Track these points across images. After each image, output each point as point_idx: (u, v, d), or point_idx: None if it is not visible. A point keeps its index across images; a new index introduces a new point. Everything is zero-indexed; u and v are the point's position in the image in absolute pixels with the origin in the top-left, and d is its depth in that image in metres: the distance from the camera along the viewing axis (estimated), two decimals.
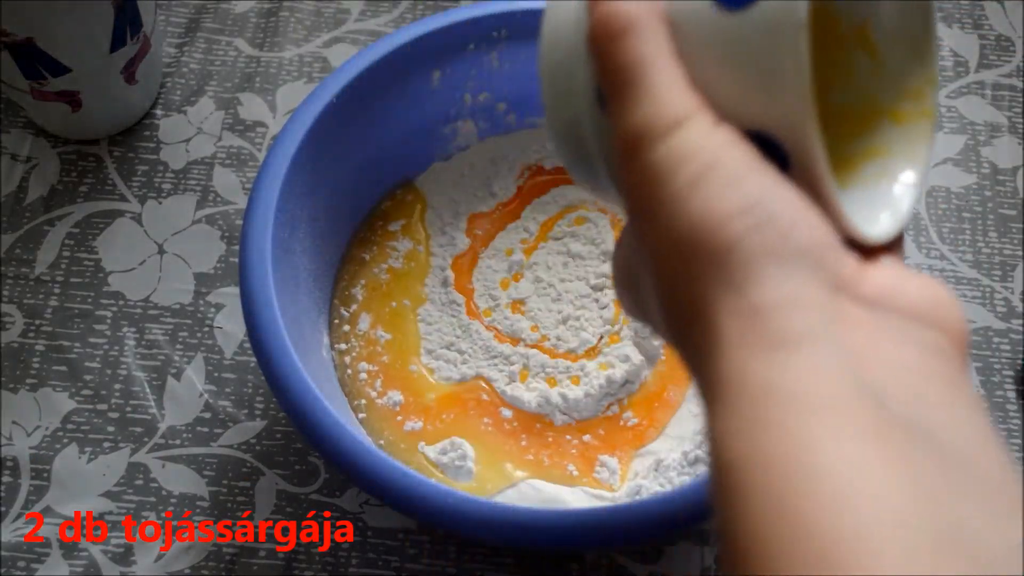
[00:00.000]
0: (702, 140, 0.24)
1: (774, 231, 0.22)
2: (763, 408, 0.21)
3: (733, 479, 0.21)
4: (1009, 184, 0.59)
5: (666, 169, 0.23)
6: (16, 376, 0.52)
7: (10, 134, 0.59)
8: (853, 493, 0.19)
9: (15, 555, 0.48)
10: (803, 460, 0.20)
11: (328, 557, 0.48)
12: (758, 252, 0.22)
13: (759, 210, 0.22)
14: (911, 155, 0.28)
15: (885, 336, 0.22)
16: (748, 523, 0.20)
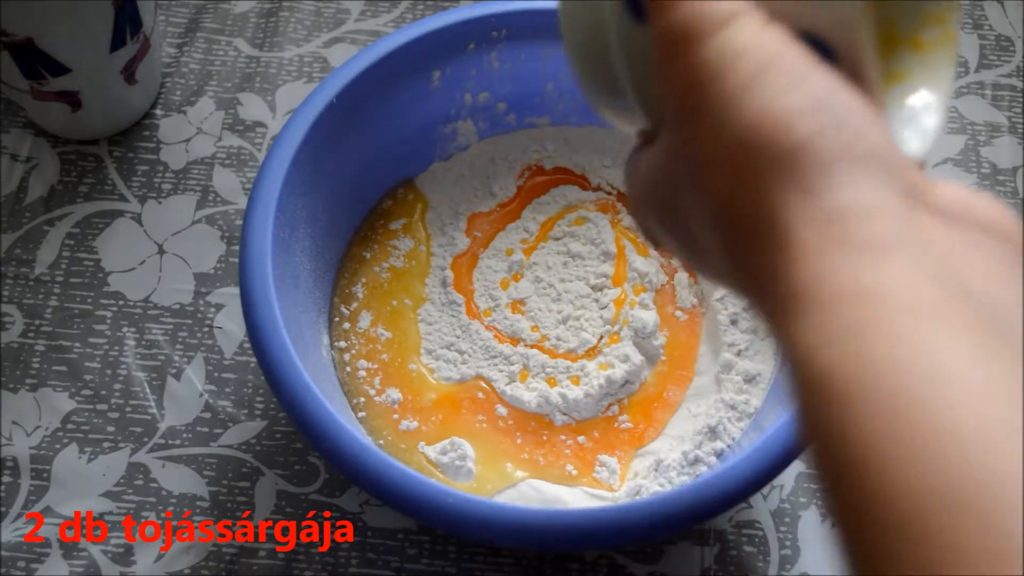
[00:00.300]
0: (756, 36, 0.22)
1: (846, 132, 0.21)
2: (859, 312, 0.20)
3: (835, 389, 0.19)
4: (1009, 184, 0.59)
5: (720, 66, 0.22)
6: (16, 376, 0.52)
7: (10, 134, 0.59)
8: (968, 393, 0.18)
9: (15, 555, 0.48)
10: (912, 362, 0.19)
11: (328, 557, 0.48)
12: (830, 153, 0.21)
13: (827, 113, 0.21)
14: (933, 80, 0.28)
15: (964, 244, 0.22)
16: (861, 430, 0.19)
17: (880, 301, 0.20)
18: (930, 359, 0.19)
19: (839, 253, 0.21)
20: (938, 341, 0.19)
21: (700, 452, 0.48)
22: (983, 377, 0.19)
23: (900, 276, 0.20)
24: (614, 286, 0.52)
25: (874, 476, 0.18)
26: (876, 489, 0.18)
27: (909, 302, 0.20)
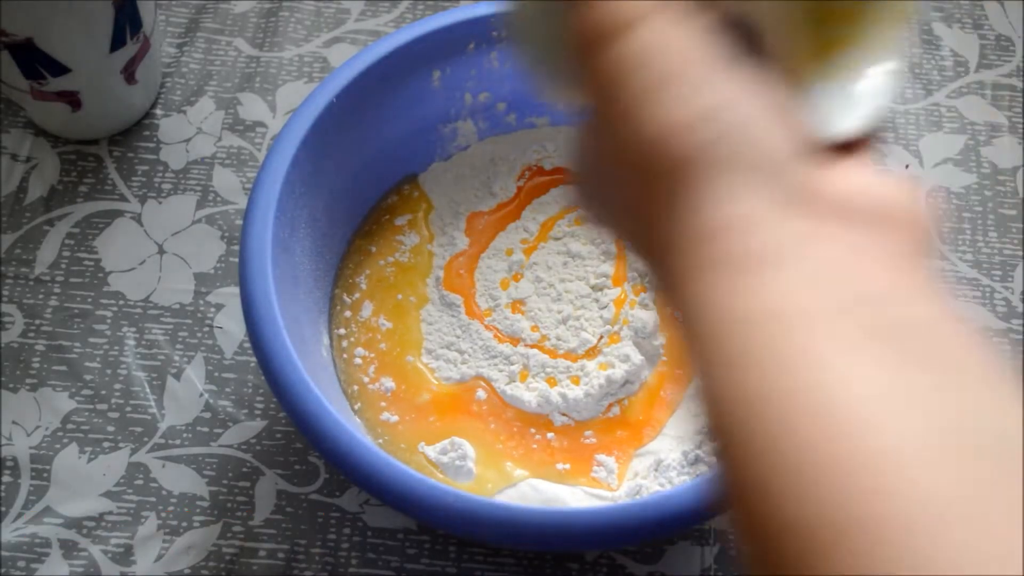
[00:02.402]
0: (663, 38, 0.22)
1: (734, 142, 0.21)
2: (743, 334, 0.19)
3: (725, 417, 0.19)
4: (1009, 184, 0.59)
5: (622, 73, 0.22)
6: (16, 376, 0.52)
7: (10, 134, 0.59)
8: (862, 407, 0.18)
9: (15, 555, 0.48)
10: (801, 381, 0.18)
11: (328, 557, 0.48)
12: (716, 166, 0.21)
13: (723, 119, 0.21)
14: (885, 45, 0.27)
15: (854, 244, 0.21)
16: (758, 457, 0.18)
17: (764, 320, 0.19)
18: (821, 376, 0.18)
19: (720, 273, 0.20)
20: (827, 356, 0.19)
21: (700, 452, 0.48)
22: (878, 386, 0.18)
23: (781, 293, 0.20)
24: (614, 286, 0.52)
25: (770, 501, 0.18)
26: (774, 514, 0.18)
27: (791, 319, 0.19)
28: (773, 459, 0.18)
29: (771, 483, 0.18)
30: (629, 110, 0.21)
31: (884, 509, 0.17)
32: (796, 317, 0.19)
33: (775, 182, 0.21)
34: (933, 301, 0.21)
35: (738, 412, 0.19)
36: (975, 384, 0.20)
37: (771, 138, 0.21)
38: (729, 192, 0.20)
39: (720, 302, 0.20)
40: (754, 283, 0.20)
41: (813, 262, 0.20)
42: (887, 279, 0.21)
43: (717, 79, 0.21)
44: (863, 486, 0.17)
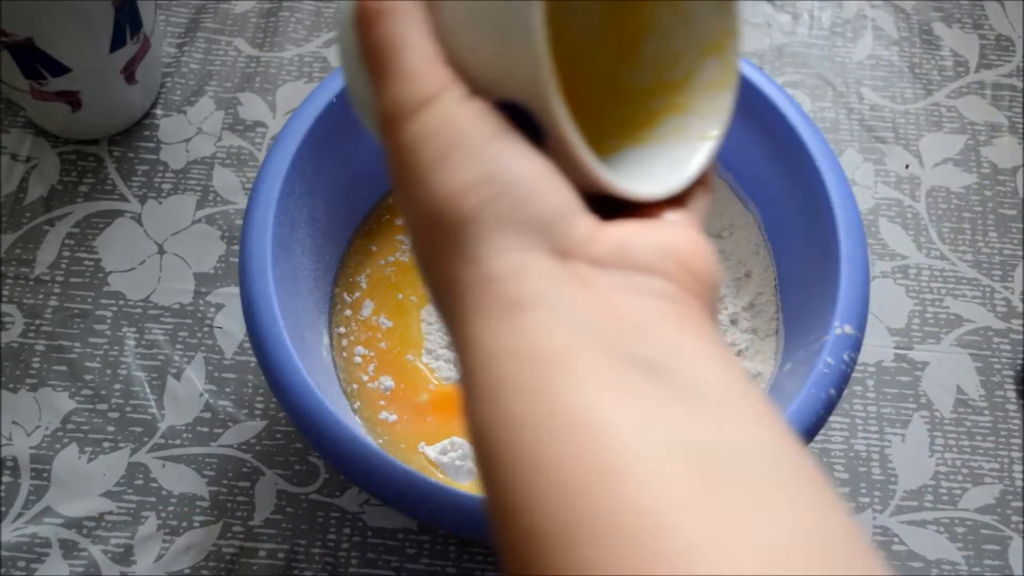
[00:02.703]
0: (449, 115, 0.24)
1: (507, 202, 0.23)
2: (500, 367, 0.22)
3: (485, 446, 0.21)
4: (1009, 184, 0.59)
5: (416, 146, 0.24)
6: (16, 376, 0.52)
7: (10, 134, 0.59)
8: (595, 429, 0.20)
9: (15, 555, 0.48)
10: (543, 410, 0.21)
11: (328, 557, 0.48)
12: (492, 223, 0.23)
13: (496, 182, 0.23)
14: (710, 110, 0.28)
15: (612, 290, 0.23)
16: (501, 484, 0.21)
17: (518, 357, 0.22)
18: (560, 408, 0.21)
19: (488, 314, 0.23)
20: (569, 387, 0.21)
21: None
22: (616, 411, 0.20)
23: (535, 332, 0.22)
24: None
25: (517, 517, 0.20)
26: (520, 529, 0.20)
27: (543, 355, 0.21)
28: (525, 471, 0.20)
29: (523, 494, 0.20)
30: (420, 178, 0.24)
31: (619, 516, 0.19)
32: (549, 351, 0.22)
33: (543, 236, 0.23)
34: (687, 336, 0.23)
35: (496, 434, 0.21)
36: (720, 407, 0.22)
37: (541, 197, 0.24)
38: (502, 246, 0.23)
39: (488, 340, 0.22)
40: (516, 323, 0.22)
41: (569, 304, 0.22)
42: (637, 319, 0.23)
43: (493, 147, 0.24)
44: (601, 498, 0.19)
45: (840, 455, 0.52)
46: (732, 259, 0.53)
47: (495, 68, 0.25)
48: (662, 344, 0.22)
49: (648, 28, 0.30)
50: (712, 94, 0.29)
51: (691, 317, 0.24)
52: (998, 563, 0.49)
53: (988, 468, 0.51)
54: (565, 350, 0.22)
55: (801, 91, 0.62)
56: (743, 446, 0.21)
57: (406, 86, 0.25)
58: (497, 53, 0.24)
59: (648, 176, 0.27)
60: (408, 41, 0.25)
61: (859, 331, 0.43)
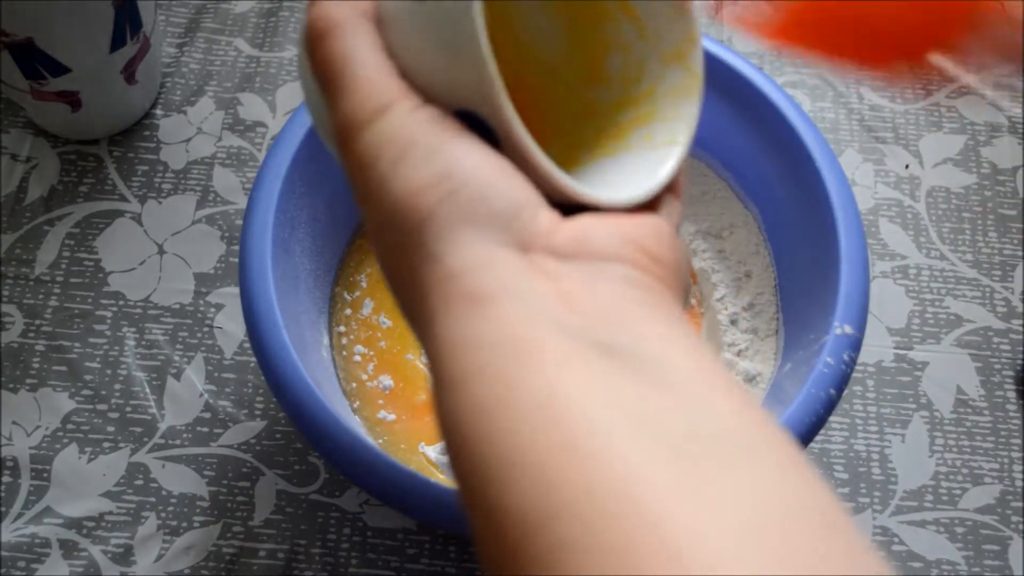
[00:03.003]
0: (403, 121, 0.25)
1: (465, 197, 0.24)
2: (467, 359, 0.22)
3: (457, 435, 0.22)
4: (1009, 184, 0.59)
5: (373, 154, 0.25)
6: (16, 376, 0.52)
7: (10, 134, 0.59)
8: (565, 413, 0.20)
9: (15, 555, 0.48)
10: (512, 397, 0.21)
11: (328, 557, 0.48)
12: (451, 219, 0.24)
13: (452, 179, 0.24)
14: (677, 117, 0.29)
15: (575, 279, 0.24)
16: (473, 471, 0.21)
17: (485, 347, 0.22)
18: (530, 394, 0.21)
19: (453, 309, 0.23)
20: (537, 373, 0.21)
21: None
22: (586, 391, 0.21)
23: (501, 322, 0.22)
24: None
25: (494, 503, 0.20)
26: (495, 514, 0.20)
27: (509, 343, 0.22)
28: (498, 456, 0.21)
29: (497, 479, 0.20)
30: (379, 184, 0.25)
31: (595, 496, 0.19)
32: (515, 340, 0.22)
33: (503, 230, 0.24)
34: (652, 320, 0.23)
35: (467, 422, 0.21)
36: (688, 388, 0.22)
37: (499, 192, 0.24)
38: (462, 241, 0.24)
39: (454, 333, 0.23)
40: (482, 316, 0.22)
41: (533, 295, 0.23)
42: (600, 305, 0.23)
43: (448, 147, 0.24)
44: (573, 476, 0.19)
45: (840, 455, 0.52)
46: (732, 259, 0.53)
47: (445, 78, 0.25)
48: (628, 329, 0.23)
49: (611, 45, 0.31)
50: (677, 101, 0.29)
51: (656, 302, 0.24)
52: (998, 563, 0.49)
53: (988, 468, 0.51)
54: (532, 338, 0.22)
55: (801, 91, 0.62)
56: (713, 425, 0.21)
57: (359, 98, 0.25)
58: (444, 62, 0.25)
59: (618, 185, 0.27)
60: (358, 56, 0.26)
61: (859, 331, 0.43)
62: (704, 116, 0.57)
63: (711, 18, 0.65)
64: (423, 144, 0.24)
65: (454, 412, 0.22)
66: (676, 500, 0.19)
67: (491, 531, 0.20)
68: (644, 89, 0.30)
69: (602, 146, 0.30)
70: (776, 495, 0.20)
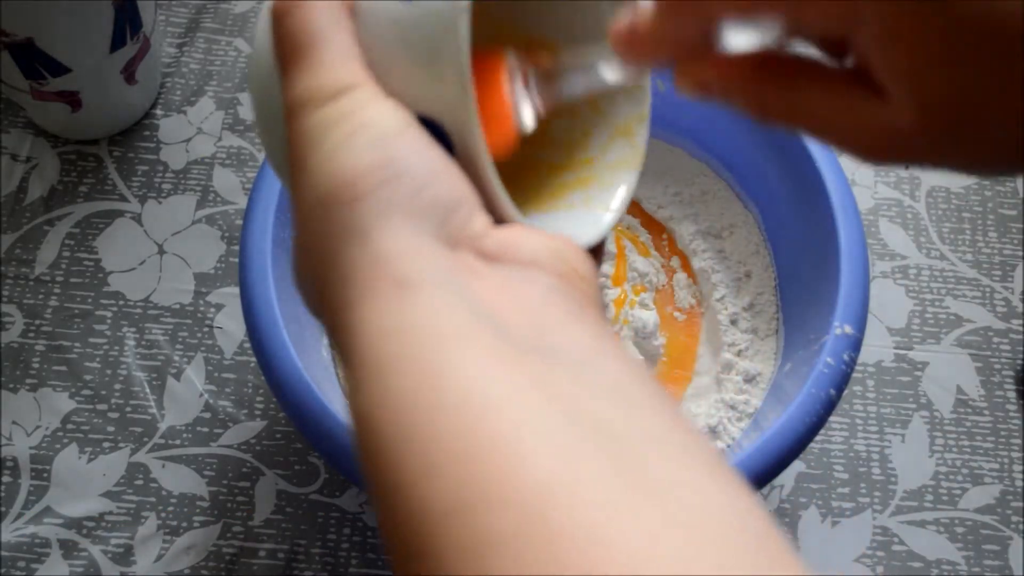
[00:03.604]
0: (360, 106, 0.25)
1: (403, 187, 0.24)
2: (389, 345, 0.22)
3: (372, 424, 0.21)
4: (1009, 184, 0.59)
5: (323, 129, 0.24)
6: (16, 376, 0.52)
7: (10, 134, 0.59)
8: (487, 407, 0.20)
9: (15, 555, 0.48)
10: (432, 386, 0.20)
11: (328, 557, 0.48)
12: (387, 204, 0.23)
13: (393, 167, 0.24)
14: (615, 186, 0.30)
15: (502, 281, 0.24)
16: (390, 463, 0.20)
17: (406, 333, 0.22)
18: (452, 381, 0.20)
19: (377, 294, 0.23)
20: (459, 364, 0.21)
21: None
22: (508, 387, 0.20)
23: (425, 310, 0.22)
24: (614, 286, 0.52)
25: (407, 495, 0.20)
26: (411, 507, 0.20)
27: (432, 332, 0.21)
28: (410, 447, 0.20)
29: (414, 471, 0.20)
30: (320, 159, 0.24)
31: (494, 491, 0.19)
32: (440, 330, 0.21)
33: (436, 224, 0.24)
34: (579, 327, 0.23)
35: (384, 412, 0.21)
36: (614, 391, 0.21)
37: (439, 188, 0.24)
38: (394, 227, 0.23)
39: (375, 319, 0.22)
40: (406, 302, 0.22)
41: (460, 289, 0.23)
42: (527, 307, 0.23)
43: (398, 138, 0.24)
44: (484, 468, 0.19)
45: (840, 455, 0.52)
46: (732, 259, 0.53)
47: (414, 84, 0.25)
48: (553, 332, 0.23)
49: (561, 111, 0.31)
50: (618, 171, 0.30)
51: (582, 313, 0.24)
52: (998, 563, 0.49)
53: (988, 468, 0.51)
54: (456, 329, 0.21)
55: None
56: (640, 425, 0.21)
57: (321, 76, 0.25)
58: (419, 71, 0.25)
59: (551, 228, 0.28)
60: (328, 35, 0.25)
61: (859, 331, 0.43)
62: (705, 116, 0.57)
63: None
64: (374, 130, 0.24)
65: (371, 401, 0.21)
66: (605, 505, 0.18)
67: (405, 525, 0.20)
68: (587, 156, 0.31)
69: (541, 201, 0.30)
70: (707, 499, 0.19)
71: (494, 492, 0.19)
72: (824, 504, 0.50)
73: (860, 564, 0.49)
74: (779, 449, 0.41)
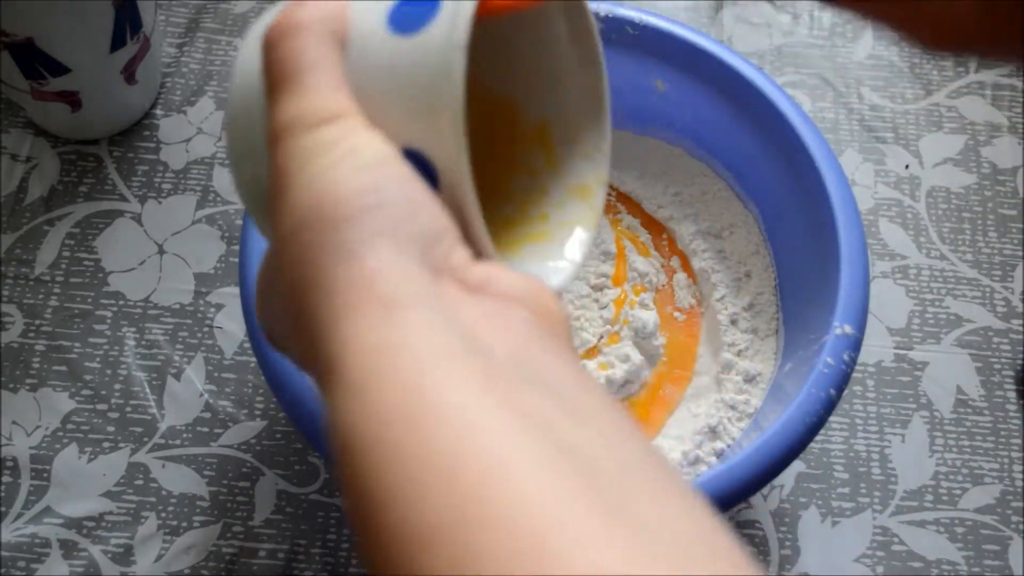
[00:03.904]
0: (349, 133, 0.25)
1: (390, 214, 0.24)
2: (374, 361, 0.22)
3: (353, 441, 0.21)
4: (1009, 184, 0.59)
5: (311, 152, 0.25)
6: (16, 376, 0.52)
7: (10, 134, 0.59)
8: (473, 426, 0.20)
9: (15, 555, 0.48)
10: (418, 403, 0.21)
11: (328, 557, 0.48)
12: (374, 228, 0.24)
13: (380, 194, 0.24)
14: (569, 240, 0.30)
15: (484, 311, 0.24)
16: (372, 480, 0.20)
17: (394, 351, 0.22)
18: (437, 399, 0.21)
19: (363, 312, 0.23)
20: (445, 384, 0.21)
21: (700, 452, 0.48)
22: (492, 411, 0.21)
23: (414, 329, 0.22)
24: (614, 286, 0.52)
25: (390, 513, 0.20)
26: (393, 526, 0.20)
27: (420, 352, 0.22)
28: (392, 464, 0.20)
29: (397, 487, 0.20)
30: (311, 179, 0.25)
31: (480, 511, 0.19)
32: (426, 349, 0.22)
33: (421, 252, 0.24)
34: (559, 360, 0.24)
35: (361, 428, 0.21)
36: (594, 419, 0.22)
37: (424, 218, 0.25)
38: (381, 250, 0.24)
39: (360, 336, 0.22)
40: (393, 320, 0.22)
41: (442, 312, 0.23)
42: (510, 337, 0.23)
43: (386, 167, 0.25)
44: (463, 491, 0.19)
45: (840, 455, 0.52)
46: (732, 259, 0.53)
47: (404, 119, 0.26)
48: (535, 361, 0.23)
49: (518, 166, 0.31)
50: (572, 230, 0.30)
51: (557, 347, 0.24)
52: (998, 563, 0.49)
53: (988, 468, 0.51)
54: (442, 349, 0.22)
55: (801, 91, 0.62)
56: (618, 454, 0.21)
57: (311, 101, 0.26)
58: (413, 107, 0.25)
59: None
60: (320, 65, 0.26)
61: (859, 331, 0.43)
62: (705, 116, 0.57)
63: (711, 18, 0.65)
64: (363, 156, 0.25)
65: (352, 417, 0.21)
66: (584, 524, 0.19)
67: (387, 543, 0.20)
68: (543, 212, 0.31)
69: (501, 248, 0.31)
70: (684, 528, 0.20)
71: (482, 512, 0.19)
72: (824, 504, 0.50)
73: (860, 564, 0.49)
74: (779, 449, 0.41)
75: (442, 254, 0.25)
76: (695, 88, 0.52)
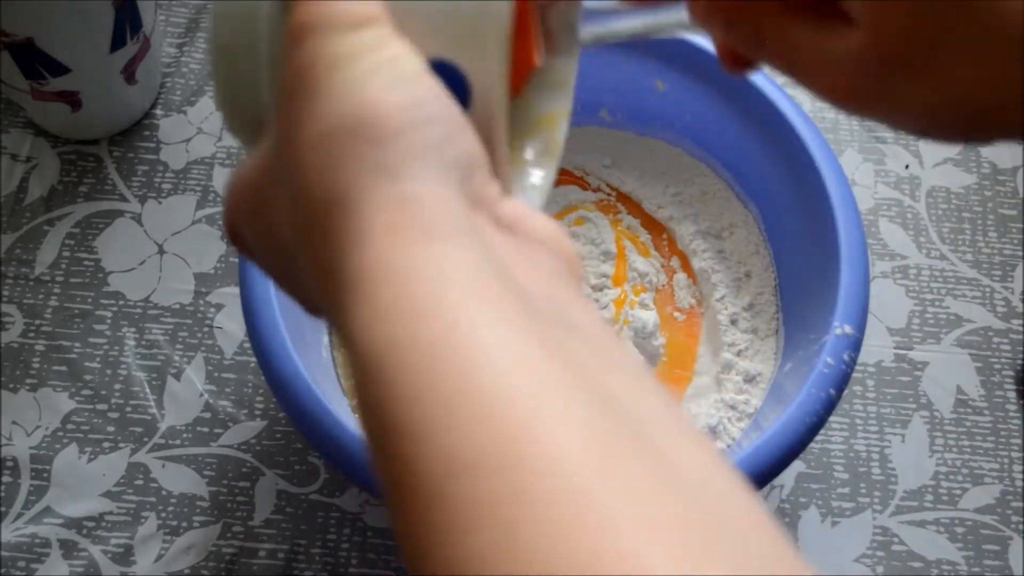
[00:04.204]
0: (384, 41, 0.24)
1: (437, 132, 0.23)
2: (411, 290, 0.21)
3: (376, 363, 0.20)
4: (1009, 184, 0.59)
5: (344, 57, 0.23)
6: (16, 376, 0.52)
7: (10, 134, 0.59)
8: (511, 366, 0.19)
9: (15, 555, 0.48)
10: (456, 338, 0.20)
11: (328, 557, 0.48)
12: (418, 148, 0.23)
13: (422, 110, 0.23)
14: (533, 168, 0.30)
15: (516, 249, 0.23)
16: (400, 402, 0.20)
17: (433, 282, 0.21)
18: (475, 337, 0.20)
19: (404, 235, 0.22)
20: (484, 321, 0.20)
21: None
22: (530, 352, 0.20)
23: (455, 261, 0.21)
24: (614, 286, 0.52)
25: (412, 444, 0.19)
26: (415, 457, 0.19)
27: (460, 285, 0.21)
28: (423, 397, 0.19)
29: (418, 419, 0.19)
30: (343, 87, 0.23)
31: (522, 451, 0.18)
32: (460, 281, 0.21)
33: (462, 178, 0.23)
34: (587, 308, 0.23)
35: (395, 355, 0.20)
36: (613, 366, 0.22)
37: (465, 142, 0.24)
38: (428, 173, 0.22)
39: (392, 260, 0.21)
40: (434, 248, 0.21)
41: (481, 248, 0.22)
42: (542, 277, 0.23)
43: (426, 81, 0.24)
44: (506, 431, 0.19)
45: (840, 455, 0.52)
46: (732, 259, 0.53)
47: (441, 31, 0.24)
48: (568, 307, 0.23)
49: None
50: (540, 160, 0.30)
51: (579, 292, 0.24)
52: (998, 563, 0.49)
53: (988, 468, 0.51)
54: (484, 285, 0.21)
55: (801, 91, 0.62)
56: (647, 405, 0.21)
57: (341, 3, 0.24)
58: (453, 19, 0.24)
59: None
60: None
61: (859, 331, 0.43)
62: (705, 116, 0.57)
63: None
64: (401, 67, 0.23)
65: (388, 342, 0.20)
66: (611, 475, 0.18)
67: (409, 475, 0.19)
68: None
69: None
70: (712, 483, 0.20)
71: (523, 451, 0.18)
72: (824, 504, 0.50)
73: (860, 564, 0.49)
74: (779, 449, 0.41)
75: (479, 184, 0.24)
76: (695, 88, 0.52)
